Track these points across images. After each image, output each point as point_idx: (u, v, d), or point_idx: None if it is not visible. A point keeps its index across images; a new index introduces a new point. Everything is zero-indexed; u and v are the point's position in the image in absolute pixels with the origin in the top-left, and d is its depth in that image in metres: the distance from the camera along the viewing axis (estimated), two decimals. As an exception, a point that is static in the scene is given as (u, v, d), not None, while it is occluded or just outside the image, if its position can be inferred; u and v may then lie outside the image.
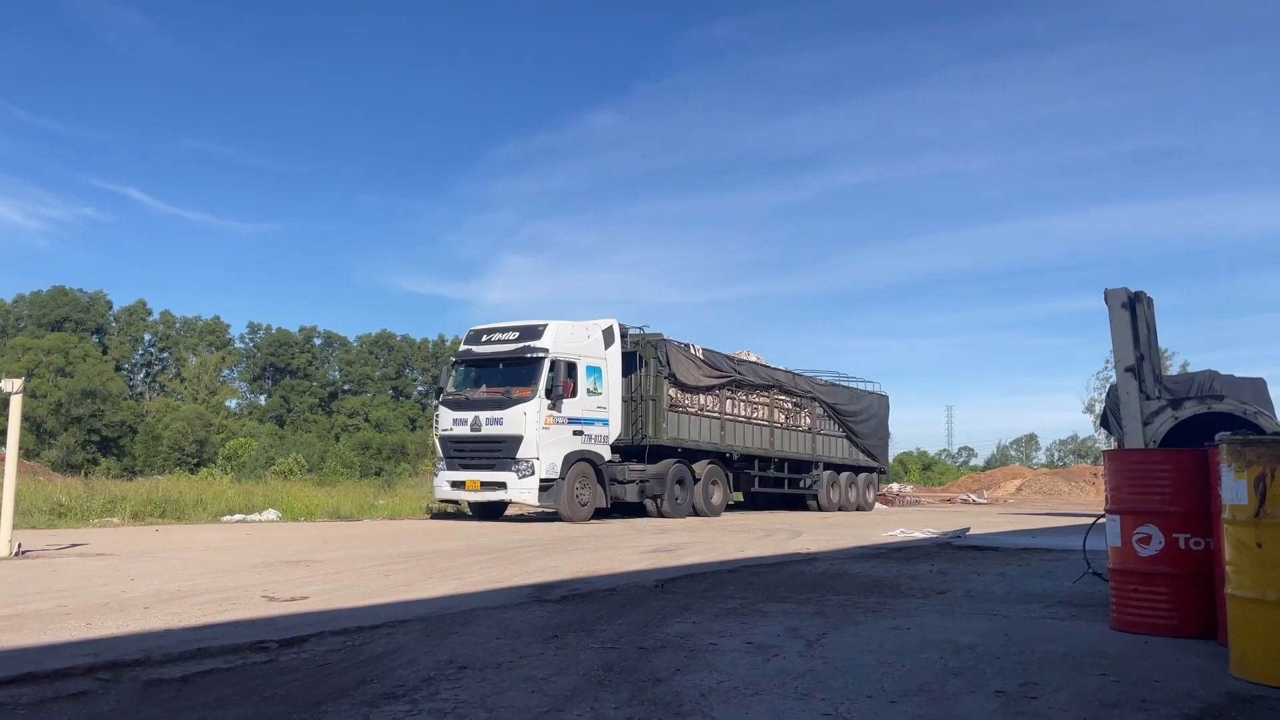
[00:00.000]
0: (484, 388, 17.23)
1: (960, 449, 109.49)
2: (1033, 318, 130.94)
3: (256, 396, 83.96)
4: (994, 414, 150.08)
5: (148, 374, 78.83)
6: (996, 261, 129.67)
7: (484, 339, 17.64)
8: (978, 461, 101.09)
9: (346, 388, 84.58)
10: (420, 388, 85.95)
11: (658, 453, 18.96)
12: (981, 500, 40.62)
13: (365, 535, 13.57)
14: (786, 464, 23.27)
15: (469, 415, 16.84)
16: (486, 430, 16.62)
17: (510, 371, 17.10)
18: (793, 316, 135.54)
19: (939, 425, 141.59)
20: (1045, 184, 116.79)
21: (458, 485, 16.86)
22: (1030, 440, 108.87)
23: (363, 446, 56.70)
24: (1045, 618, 6.00)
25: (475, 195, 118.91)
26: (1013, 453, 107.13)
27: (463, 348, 18.15)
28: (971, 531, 14.81)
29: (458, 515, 18.50)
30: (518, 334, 17.28)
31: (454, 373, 17.88)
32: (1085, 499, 44.83)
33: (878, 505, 28.62)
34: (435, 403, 18.52)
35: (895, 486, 43.97)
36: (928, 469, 75.19)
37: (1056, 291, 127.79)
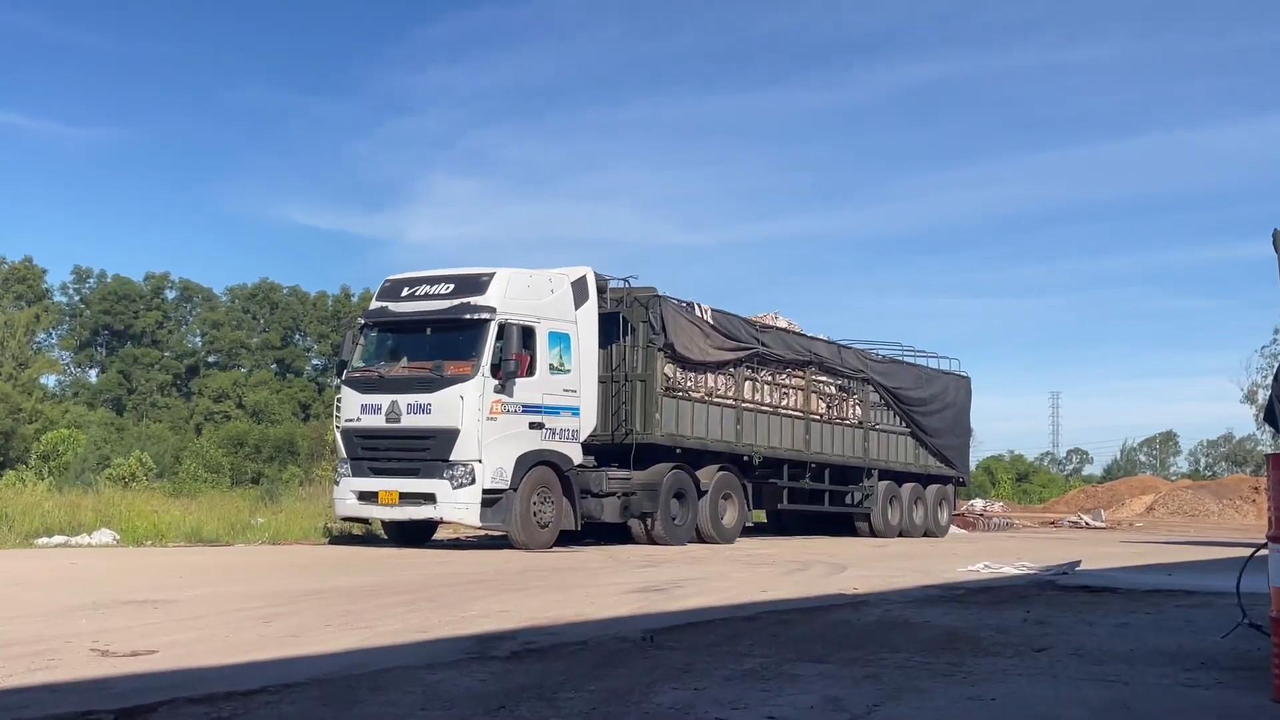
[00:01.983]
0: (405, 361, 17.20)
1: (1069, 452, 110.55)
2: (1173, 270, 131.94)
3: (84, 371, 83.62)
4: (1116, 404, 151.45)
5: (-70, 338, 78.37)
6: (1123, 192, 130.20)
7: (405, 293, 17.59)
8: (1093, 470, 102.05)
9: (211, 360, 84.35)
10: (316, 361, 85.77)
11: (648, 454, 19.01)
12: (1098, 523, 40.94)
13: (238, 566, 13.54)
14: (827, 471, 23.37)
15: (384, 400, 16.82)
16: (408, 421, 16.61)
17: (442, 339, 17.03)
18: (838, 266, 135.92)
19: (1040, 419, 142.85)
20: (1193, 85, 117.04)
21: (368, 498, 16.86)
22: (1167, 441, 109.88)
23: (234, 443, 56.58)
24: (1183, 685, 6.06)
25: (394, 92, 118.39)
26: (1142, 458, 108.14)
27: (375, 305, 18.08)
28: (1083, 566, 14.93)
29: (368, 539, 18.51)
30: (453, 286, 17.23)
31: (362, 340, 17.83)
32: (1242, 522, 45.24)
33: (953, 529, 28.80)
34: (336, 382, 18.45)
35: (979, 503, 44.17)
36: (1024, 480, 75.74)
37: (1207, 234, 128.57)
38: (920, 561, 16.54)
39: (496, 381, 16.46)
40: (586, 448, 17.99)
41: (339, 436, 17.52)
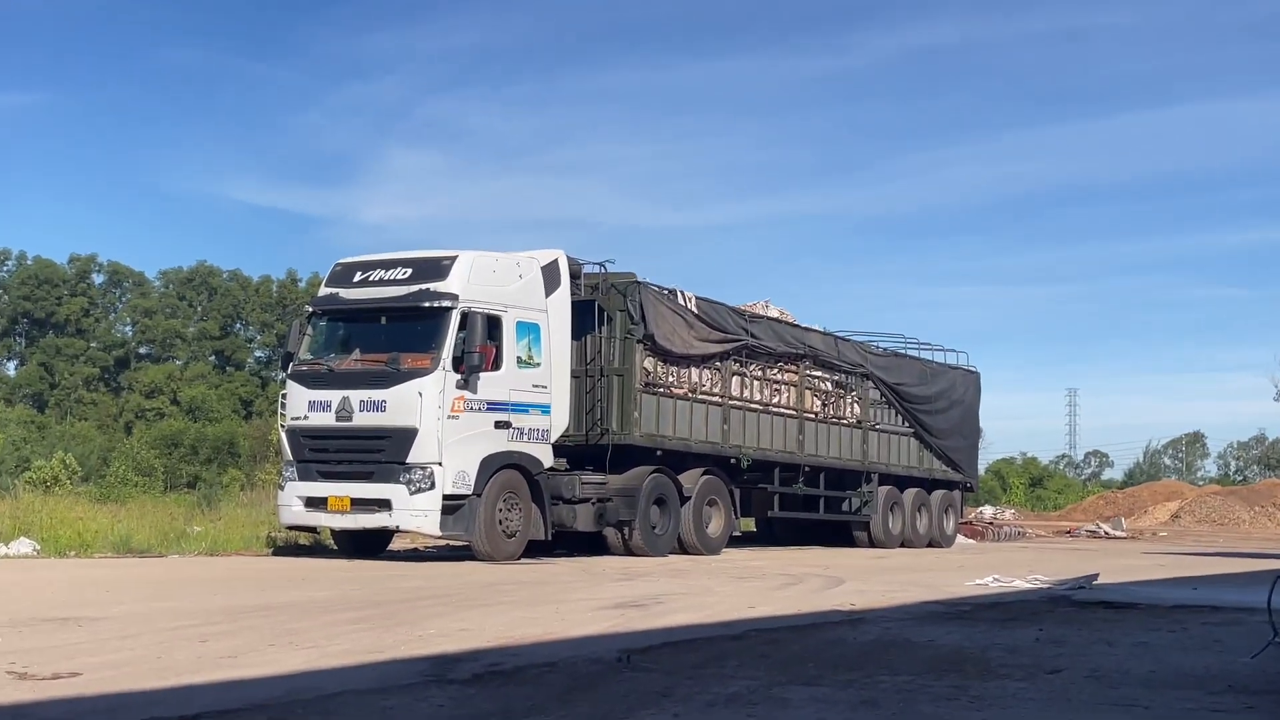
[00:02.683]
0: (358, 354, 17.18)
1: (1088, 455, 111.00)
2: (1202, 256, 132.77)
3: (1, 363, 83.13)
4: (1139, 403, 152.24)
5: None
6: (1148, 169, 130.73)
7: (358, 278, 17.56)
8: (1114, 474, 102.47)
9: (143, 351, 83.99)
10: (259, 353, 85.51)
11: (626, 456, 19.03)
12: (1118, 532, 41.18)
13: (171, 580, 13.50)
14: (822, 475, 23.43)
15: (334, 396, 16.78)
16: (361, 420, 16.58)
17: (399, 329, 17.03)
18: (835, 250, 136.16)
19: (1056, 419, 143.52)
20: (1224, 51, 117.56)
21: (316, 504, 16.83)
22: (1194, 442, 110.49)
23: (168, 443, 56.42)
24: (1208, 710, 6.11)
25: (344, 55, 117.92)
26: (1167, 461, 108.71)
27: (324, 291, 18.05)
28: (1101, 580, 15.02)
29: (316, 550, 18.48)
30: (410, 271, 17.21)
31: (310, 330, 17.79)
32: (1276, 531, 45.55)
33: (960, 539, 28.90)
34: (282, 376, 18.41)
35: (988, 511, 44.44)
36: (1037, 485, 76.07)
37: (1239, 216, 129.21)
38: (924, 574, 16.61)
39: (459, 376, 16.44)
40: (558, 449, 18.00)
41: (284, 436, 17.47)
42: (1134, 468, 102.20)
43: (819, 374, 23.49)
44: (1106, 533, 40.39)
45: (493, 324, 16.97)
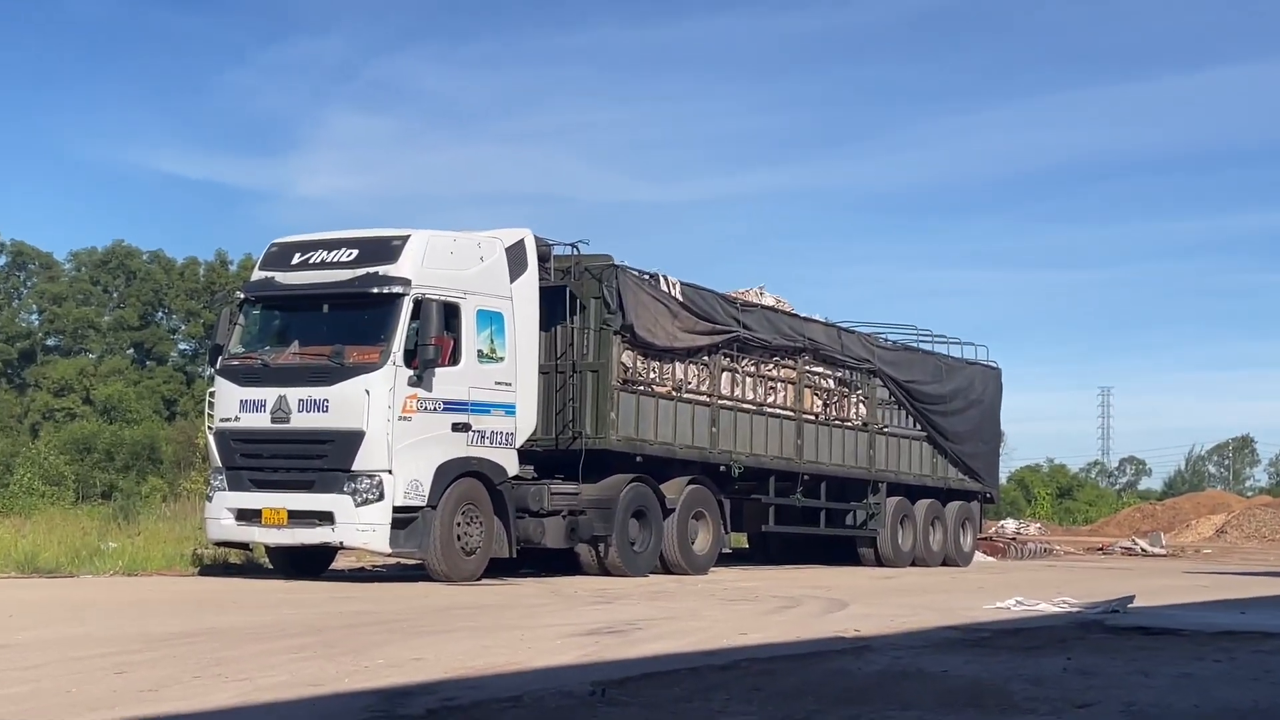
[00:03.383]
0: (296, 346, 17.16)
1: (1122, 462, 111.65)
2: (1252, 237, 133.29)
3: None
4: (1180, 403, 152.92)
5: None
6: (1190, 139, 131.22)
7: (296, 260, 17.51)
8: (1152, 483, 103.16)
9: (52, 343, 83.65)
10: (183, 345, 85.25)
11: (602, 463, 19.04)
12: (1157, 549, 41.38)
13: (83, 603, 13.45)
14: (824, 484, 23.49)
15: (269, 394, 16.75)
16: (300, 421, 16.55)
17: (343, 318, 17.02)
18: (837, 230, 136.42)
19: (1087, 421, 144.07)
20: (1274, 5, 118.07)
21: (248, 517, 16.78)
22: (1243, 447, 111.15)
23: (81, 447, 56.20)
24: (1257, 749, 6.14)
25: (281, 7, 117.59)
26: (1212, 469, 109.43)
27: (258, 275, 18.00)
28: (1137, 603, 15.09)
29: (249, 569, 18.45)
30: (356, 252, 17.18)
31: (242, 319, 17.76)
32: (1333, 548, 45.76)
33: (978, 556, 29.00)
34: (210, 372, 18.36)
35: (1010, 525, 44.67)
36: (1066, 495, 76.48)
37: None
38: (937, 596, 16.65)
39: (411, 372, 16.43)
40: (524, 455, 18.02)
41: (212, 440, 17.43)
42: (1174, 476, 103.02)
43: (820, 370, 23.52)
44: (1143, 550, 40.58)
45: (450, 313, 16.95)
